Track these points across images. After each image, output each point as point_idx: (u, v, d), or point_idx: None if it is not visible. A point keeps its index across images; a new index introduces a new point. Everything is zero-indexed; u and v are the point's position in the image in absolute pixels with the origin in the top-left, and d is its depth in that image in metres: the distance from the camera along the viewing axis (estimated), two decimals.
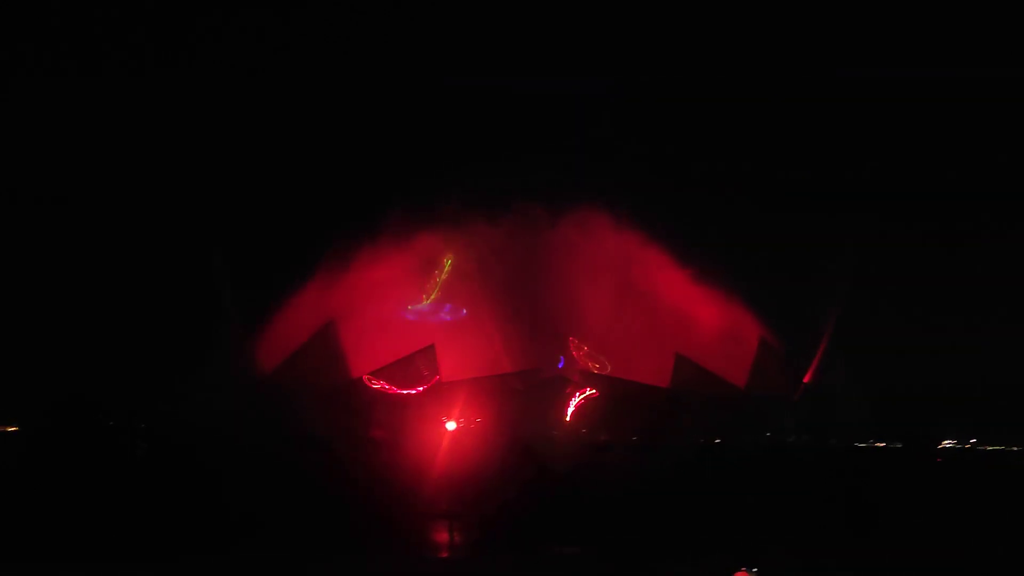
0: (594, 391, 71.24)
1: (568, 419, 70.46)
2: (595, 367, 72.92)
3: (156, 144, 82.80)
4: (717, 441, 70.34)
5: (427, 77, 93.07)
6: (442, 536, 40.64)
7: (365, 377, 68.46)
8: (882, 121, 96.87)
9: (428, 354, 69.74)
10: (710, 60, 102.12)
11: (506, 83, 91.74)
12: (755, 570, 24.85)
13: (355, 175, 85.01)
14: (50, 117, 72.46)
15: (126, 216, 66.47)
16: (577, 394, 71.24)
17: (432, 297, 72.75)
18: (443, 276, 71.34)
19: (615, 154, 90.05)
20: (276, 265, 72.13)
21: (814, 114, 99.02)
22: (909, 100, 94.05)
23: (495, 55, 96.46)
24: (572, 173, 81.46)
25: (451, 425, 66.89)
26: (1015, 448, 77.12)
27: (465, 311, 73.04)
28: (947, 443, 78.99)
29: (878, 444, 76.67)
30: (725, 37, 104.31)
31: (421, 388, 68.68)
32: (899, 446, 77.10)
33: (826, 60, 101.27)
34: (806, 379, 73.87)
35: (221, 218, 76.71)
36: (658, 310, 74.46)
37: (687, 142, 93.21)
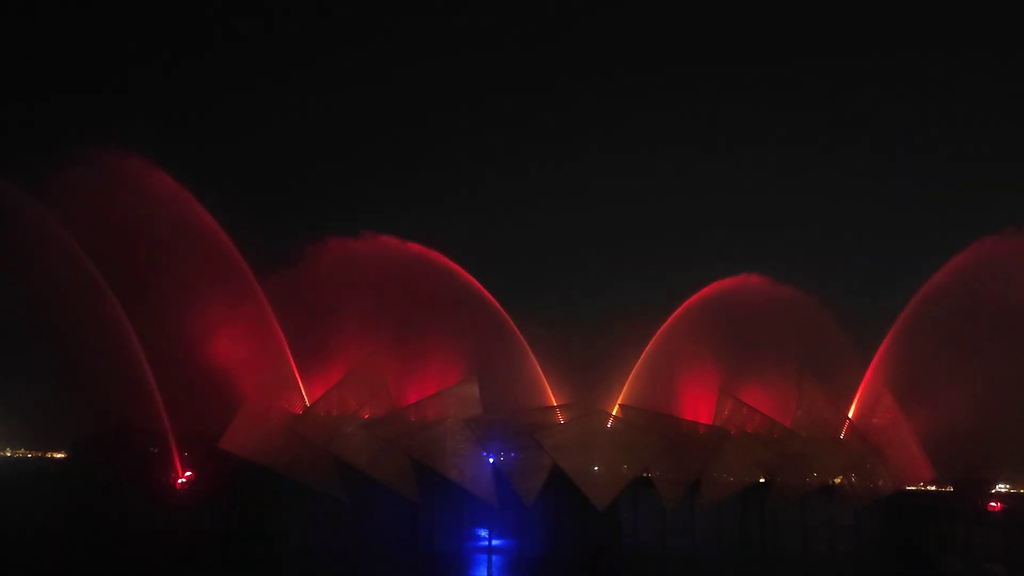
0: None
1: None
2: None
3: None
4: (762, 480, 68.79)
5: None
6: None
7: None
8: None
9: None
10: None
11: None
12: None
13: None
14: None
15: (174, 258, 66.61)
16: None
17: None
18: None
19: None
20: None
21: None
22: None
23: None
24: None
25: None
26: None
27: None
28: (1000, 487, 76.43)
29: (928, 487, 74.44)
30: None
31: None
32: (950, 489, 74.74)
33: None
34: (853, 417, 72.21)
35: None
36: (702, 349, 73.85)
37: None
